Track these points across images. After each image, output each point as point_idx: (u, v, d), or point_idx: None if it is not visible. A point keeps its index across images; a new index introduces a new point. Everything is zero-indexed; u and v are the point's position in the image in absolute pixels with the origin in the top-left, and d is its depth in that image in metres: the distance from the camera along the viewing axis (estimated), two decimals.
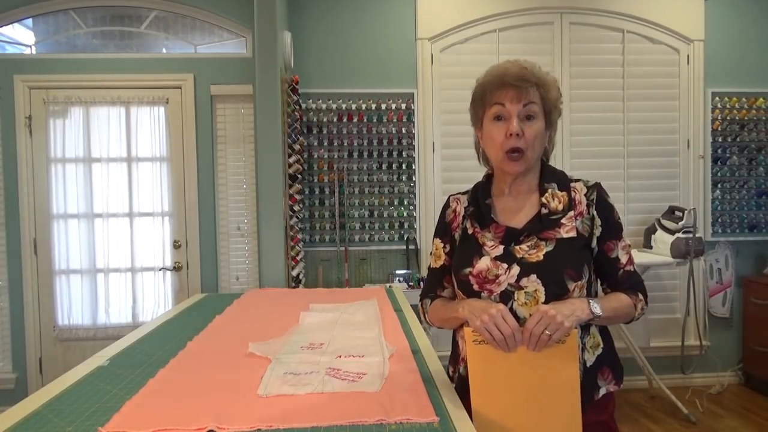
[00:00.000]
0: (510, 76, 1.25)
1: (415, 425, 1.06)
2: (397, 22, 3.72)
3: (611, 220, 1.31)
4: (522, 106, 1.25)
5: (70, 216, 3.56)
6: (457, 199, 1.43)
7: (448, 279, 1.42)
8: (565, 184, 1.32)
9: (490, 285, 1.27)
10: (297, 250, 3.33)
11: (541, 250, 1.25)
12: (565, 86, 3.75)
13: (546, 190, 1.31)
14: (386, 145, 3.68)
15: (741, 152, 3.87)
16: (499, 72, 1.28)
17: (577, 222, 1.28)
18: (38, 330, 3.58)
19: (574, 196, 1.31)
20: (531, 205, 1.32)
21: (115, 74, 3.56)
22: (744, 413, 3.49)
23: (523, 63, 1.29)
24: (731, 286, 3.92)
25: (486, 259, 1.29)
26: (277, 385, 1.28)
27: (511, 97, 1.25)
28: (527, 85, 1.25)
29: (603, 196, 1.32)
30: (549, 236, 1.27)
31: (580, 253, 1.27)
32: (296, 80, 3.38)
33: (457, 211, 1.41)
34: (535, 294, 1.23)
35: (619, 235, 1.32)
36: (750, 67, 3.88)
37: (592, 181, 1.34)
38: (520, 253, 1.27)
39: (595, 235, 1.30)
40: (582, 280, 1.26)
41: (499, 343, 1.15)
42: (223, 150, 3.68)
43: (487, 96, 1.29)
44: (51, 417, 1.14)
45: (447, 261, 1.42)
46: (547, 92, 1.28)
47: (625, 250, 1.33)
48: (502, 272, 1.26)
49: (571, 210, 1.29)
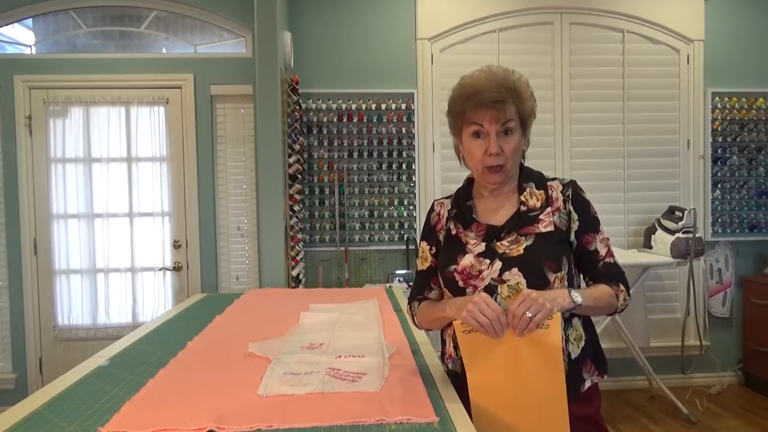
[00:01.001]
0: (486, 98, 1.27)
1: (415, 425, 1.06)
2: (397, 22, 3.72)
3: (588, 214, 1.37)
4: (500, 126, 1.29)
5: (70, 216, 3.56)
6: (441, 203, 1.50)
7: (434, 280, 1.47)
8: (542, 183, 1.39)
9: (474, 280, 1.32)
10: (297, 250, 3.33)
11: (521, 245, 1.31)
12: (565, 86, 3.76)
13: (524, 189, 1.37)
14: (386, 145, 3.68)
15: (741, 152, 3.87)
16: (474, 90, 1.29)
17: (554, 217, 1.34)
18: (38, 330, 3.58)
19: (551, 193, 1.37)
20: (510, 204, 1.38)
21: (115, 74, 3.56)
22: (744, 413, 3.49)
23: (497, 74, 1.31)
24: (731, 286, 3.92)
25: (469, 256, 1.34)
26: (277, 385, 1.28)
27: (489, 118, 1.29)
28: (504, 106, 1.28)
29: (578, 192, 1.38)
30: (528, 232, 1.33)
31: (558, 246, 1.33)
32: (296, 80, 3.38)
33: (441, 214, 1.47)
34: (517, 287, 1.28)
35: (597, 229, 1.38)
36: (750, 67, 3.88)
37: (567, 179, 1.40)
38: (502, 249, 1.32)
39: (573, 229, 1.35)
40: (562, 271, 1.31)
41: (486, 329, 1.18)
42: (223, 150, 3.68)
43: (466, 114, 1.32)
44: (51, 417, 1.14)
45: (433, 263, 1.47)
46: (522, 104, 1.32)
47: (604, 242, 1.38)
48: (485, 268, 1.32)
49: (549, 206, 1.35)
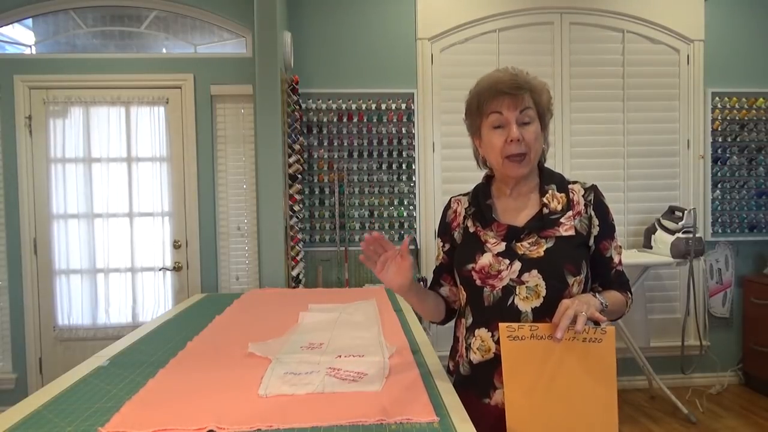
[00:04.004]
0: (504, 85, 1.29)
1: (415, 425, 1.06)
2: (397, 22, 3.72)
3: (607, 221, 1.37)
4: (519, 113, 1.29)
5: (70, 216, 3.56)
6: (458, 201, 1.48)
7: (445, 277, 1.47)
8: (564, 186, 1.38)
9: (492, 280, 1.31)
10: (297, 250, 3.33)
11: (542, 247, 1.30)
12: (565, 86, 3.76)
13: (546, 191, 1.36)
14: (386, 145, 3.68)
15: (741, 152, 3.87)
16: (491, 81, 1.32)
17: (575, 221, 1.33)
18: (38, 330, 3.58)
19: (572, 197, 1.36)
20: (531, 206, 1.37)
21: (115, 74, 3.56)
22: (744, 413, 3.49)
23: (512, 70, 1.33)
24: (731, 286, 3.92)
25: (488, 255, 1.33)
26: (277, 385, 1.28)
27: (507, 104, 1.29)
28: (521, 92, 1.29)
29: (600, 197, 1.37)
30: (549, 234, 1.31)
31: (578, 250, 1.32)
32: (296, 80, 3.38)
33: (458, 211, 1.46)
34: (536, 288, 1.27)
35: (613, 236, 1.38)
36: (750, 67, 3.88)
37: (588, 183, 1.39)
38: (522, 250, 1.31)
39: (593, 234, 1.35)
40: (581, 275, 1.31)
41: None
42: (223, 150, 3.68)
43: (483, 106, 1.32)
44: (51, 417, 1.14)
45: (444, 259, 1.46)
46: (539, 97, 1.32)
47: (617, 250, 1.39)
48: (504, 268, 1.30)
49: (570, 210, 1.34)
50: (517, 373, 1.16)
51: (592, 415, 1.15)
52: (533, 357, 1.16)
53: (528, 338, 1.16)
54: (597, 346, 1.15)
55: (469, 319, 1.37)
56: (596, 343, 1.14)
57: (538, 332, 1.16)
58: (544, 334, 1.16)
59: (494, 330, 1.30)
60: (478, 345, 1.33)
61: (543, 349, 1.16)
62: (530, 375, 1.16)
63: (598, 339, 1.14)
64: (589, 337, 1.15)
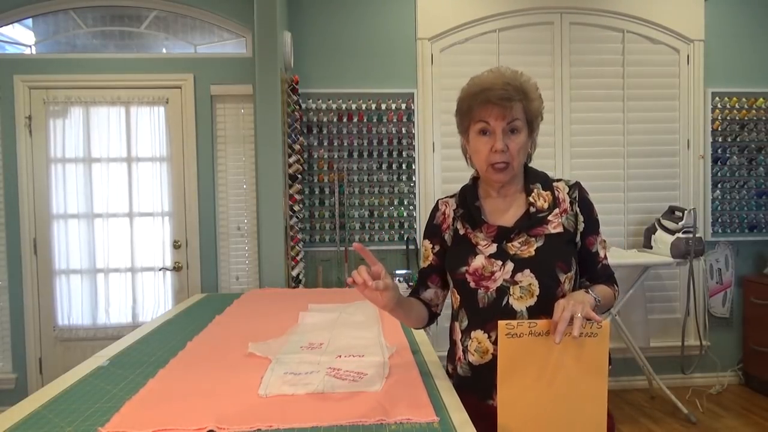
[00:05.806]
0: (494, 94, 1.28)
1: (415, 425, 1.06)
2: (397, 22, 3.72)
3: (592, 217, 1.39)
4: (506, 123, 1.30)
5: (70, 216, 3.56)
6: (446, 203, 1.48)
7: (432, 278, 1.47)
8: (548, 184, 1.40)
9: (486, 282, 1.32)
10: (297, 250, 3.33)
11: (532, 246, 1.32)
12: (565, 86, 3.76)
13: (532, 191, 1.38)
14: (386, 145, 3.68)
15: (741, 152, 3.87)
16: (483, 86, 1.31)
17: (562, 218, 1.35)
18: (38, 330, 3.58)
19: (557, 194, 1.38)
20: (518, 205, 1.38)
21: (115, 74, 3.56)
22: (744, 413, 3.49)
23: (505, 74, 1.32)
24: (731, 286, 3.92)
25: (480, 257, 1.34)
26: (277, 385, 1.28)
27: (495, 115, 1.29)
28: (511, 103, 1.29)
29: (584, 194, 1.40)
30: (538, 233, 1.33)
31: (567, 247, 1.35)
32: (296, 80, 3.38)
33: (447, 213, 1.46)
34: (529, 288, 1.29)
35: (598, 231, 1.41)
36: (750, 67, 3.88)
37: (572, 180, 1.41)
38: (513, 250, 1.33)
39: (579, 230, 1.37)
40: (571, 271, 1.33)
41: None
42: (223, 150, 3.68)
43: (473, 111, 1.33)
44: (51, 417, 1.14)
45: (434, 261, 1.46)
46: (529, 104, 1.32)
47: (602, 244, 1.41)
48: (497, 269, 1.32)
49: (556, 207, 1.36)
50: (512, 371, 1.17)
51: (583, 406, 1.17)
52: (529, 354, 1.16)
53: (526, 335, 1.16)
54: (592, 341, 1.16)
55: (464, 322, 1.37)
56: (592, 337, 1.16)
57: (537, 329, 1.17)
58: (542, 330, 1.17)
59: (490, 331, 1.31)
60: (474, 347, 1.34)
61: (540, 346, 1.16)
62: (525, 372, 1.17)
63: (594, 333, 1.16)
64: (585, 332, 1.16)
